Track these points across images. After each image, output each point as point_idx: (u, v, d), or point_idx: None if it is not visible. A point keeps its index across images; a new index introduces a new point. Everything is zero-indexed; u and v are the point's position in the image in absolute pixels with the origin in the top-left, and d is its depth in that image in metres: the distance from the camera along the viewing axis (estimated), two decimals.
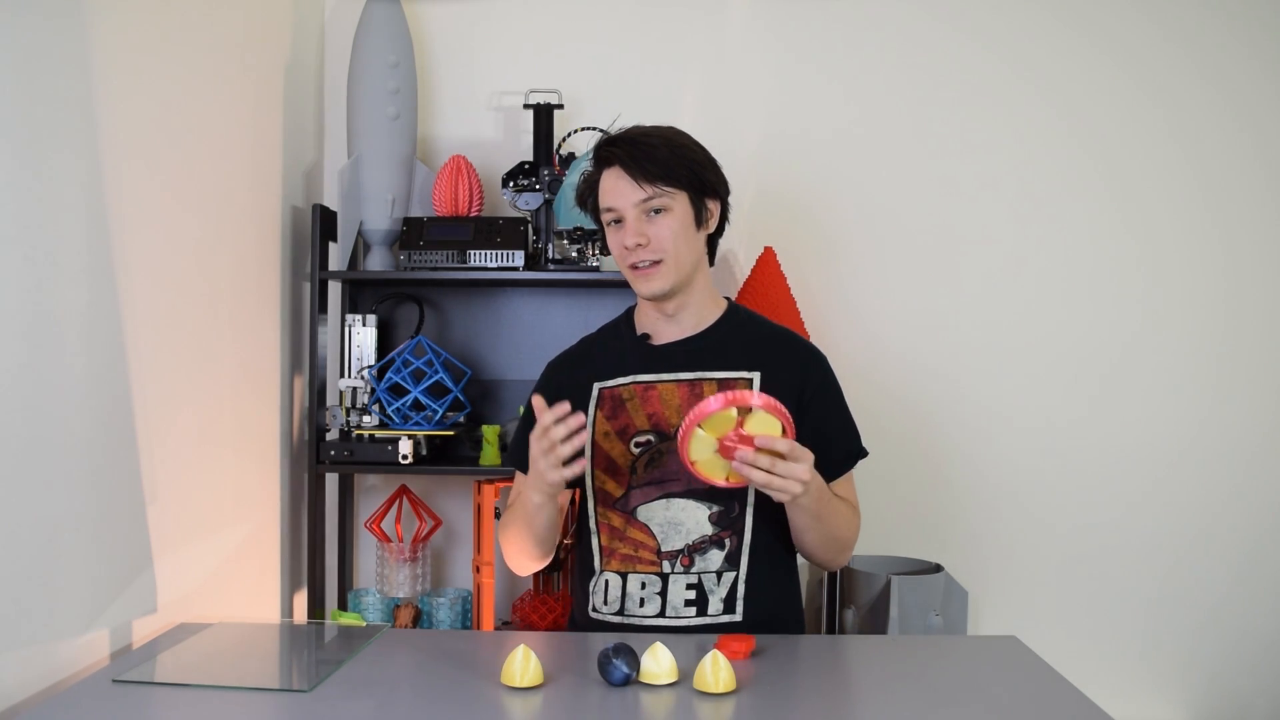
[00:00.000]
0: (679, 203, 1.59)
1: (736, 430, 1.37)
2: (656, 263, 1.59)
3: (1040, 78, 2.54)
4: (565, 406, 1.44)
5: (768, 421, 1.37)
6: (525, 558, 1.66)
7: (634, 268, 1.60)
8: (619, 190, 1.58)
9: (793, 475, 1.40)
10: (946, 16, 2.54)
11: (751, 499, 1.60)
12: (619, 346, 1.70)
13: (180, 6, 1.78)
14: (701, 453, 1.41)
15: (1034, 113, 2.54)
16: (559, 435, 1.44)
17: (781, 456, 1.39)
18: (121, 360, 1.57)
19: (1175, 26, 2.53)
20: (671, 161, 1.58)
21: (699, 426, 1.38)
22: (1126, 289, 2.54)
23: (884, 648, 1.61)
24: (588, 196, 1.68)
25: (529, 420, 1.72)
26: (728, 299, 1.73)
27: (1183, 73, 2.53)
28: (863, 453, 1.69)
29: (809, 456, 1.42)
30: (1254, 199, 2.53)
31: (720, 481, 1.45)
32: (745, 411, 1.38)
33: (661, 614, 1.59)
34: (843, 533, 1.61)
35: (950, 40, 2.54)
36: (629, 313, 1.75)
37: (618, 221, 1.60)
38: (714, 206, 1.65)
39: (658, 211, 1.58)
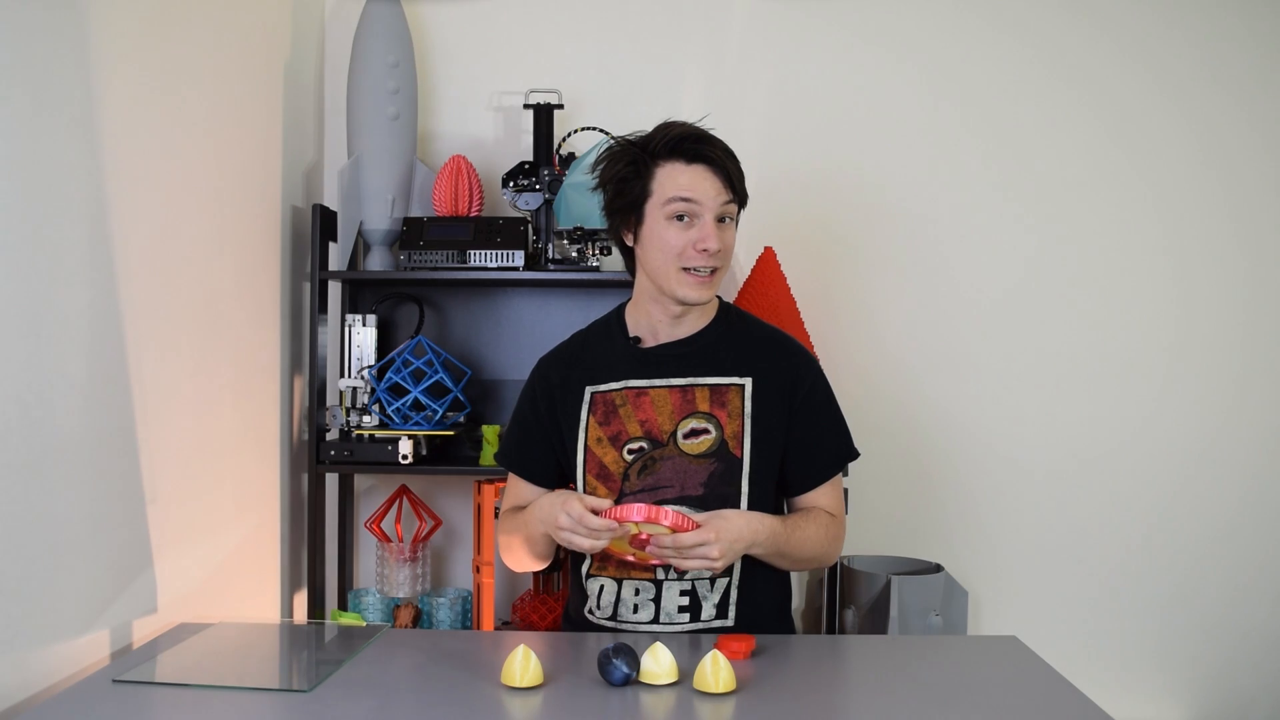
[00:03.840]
0: (735, 218, 1.61)
1: (637, 535, 1.49)
2: (714, 271, 1.58)
3: (1045, 77, 2.53)
4: (606, 504, 1.48)
5: (657, 528, 1.47)
6: (524, 565, 1.71)
7: (690, 271, 1.56)
8: (706, 187, 1.54)
9: (699, 556, 1.46)
10: (950, 16, 2.54)
11: (744, 506, 1.59)
12: (610, 349, 1.68)
13: (180, 6, 1.78)
14: (619, 544, 1.52)
15: (1037, 113, 2.54)
16: (599, 526, 1.46)
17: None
18: (121, 360, 1.57)
19: (1189, 23, 2.52)
20: (740, 174, 1.59)
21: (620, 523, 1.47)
22: (1130, 289, 2.54)
23: (884, 648, 1.61)
24: (627, 182, 1.58)
25: (520, 418, 1.72)
26: (719, 299, 1.72)
27: (1197, 71, 2.52)
28: (854, 454, 1.69)
29: (709, 536, 1.45)
30: (1266, 202, 2.52)
31: (631, 558, 1.57)
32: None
33: (655, 620, 1.60)
34: (814, 552, 1.62)
35: (953, 40, 2.54)
36: (619, 311, 1.72)
37: (687, 216, 1.55)
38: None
39: (726, 219, 1.58)
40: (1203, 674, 2.54)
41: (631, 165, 1.58)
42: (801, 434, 1.62)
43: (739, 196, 1.59)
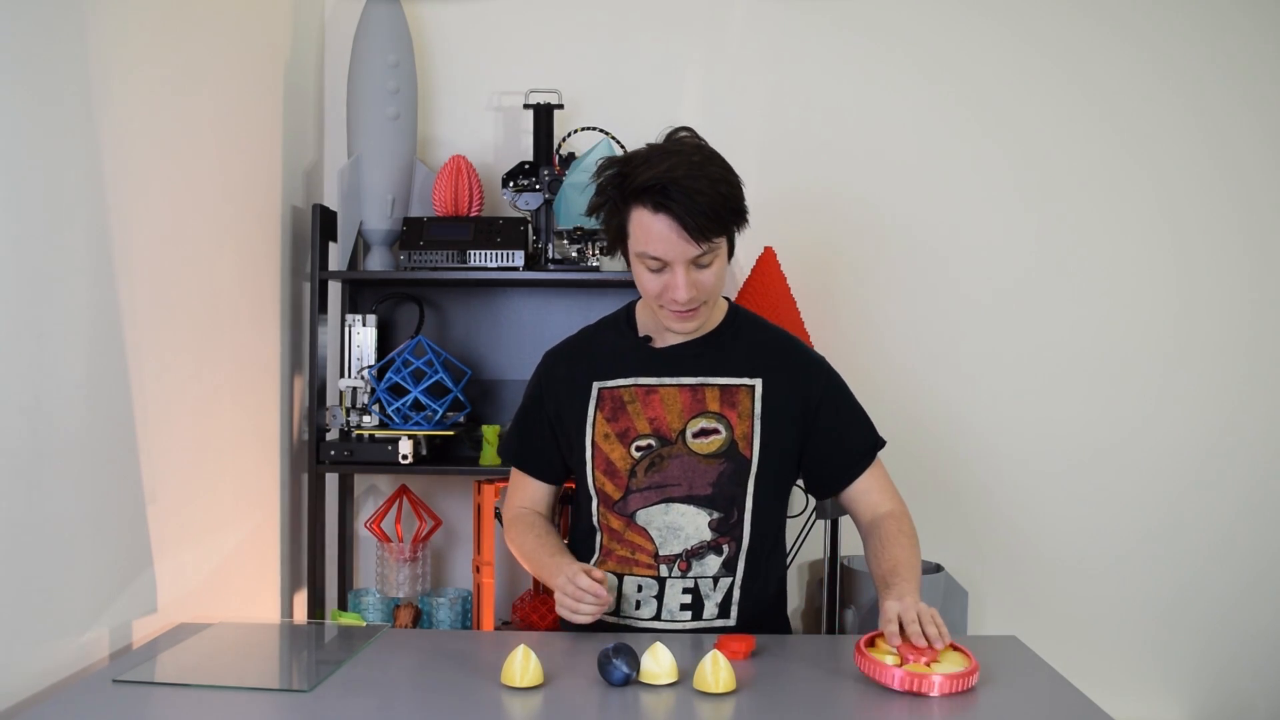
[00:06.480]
0: (722, 248, 1.54)
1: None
2: (696, 307, 1.55)
3: (1047, 77, 2.53)
4: (598, 589, 1.48)
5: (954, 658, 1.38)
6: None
7: (674, 310, 1.55)
8: (670, 242, 1.48)
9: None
10: (950, 15, 2.54)
11: (749, 507, 1.60)
12: (619, 346, 1.68)
13: (180, 6, 1.78)
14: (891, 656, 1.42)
15: (1038, 113, 2.54)
16: (585, 600, 1.48)
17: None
18: (121, 360, 1.57)
19: (1195, 20, 2.52)
20: (722, 212, 1.50)
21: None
22: (1133, 292, 2.54)
23: None
24: (609, 217, 1.56)
25: (525, 413, 1.72)
26: (727, 299, 1.72)
27: (1206, 73, 2.52)
28: (881, 442, 1.69)
29: (946, 640, 1.39)
30: (1272, 201, 2.52)
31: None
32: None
33: (657, 617, 1.60)
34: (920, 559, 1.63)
35: (955, 41, 2.54)
36: (630, 309, 1.72)
37: (662, 269, 1.52)
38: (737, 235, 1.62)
39: (703, 264, 1.52)
40: (1203, 674, 2.54)
41: (609, 203, 1.55)
42: (827, 432, 1.63)
43: (715, 239, 1.51)
